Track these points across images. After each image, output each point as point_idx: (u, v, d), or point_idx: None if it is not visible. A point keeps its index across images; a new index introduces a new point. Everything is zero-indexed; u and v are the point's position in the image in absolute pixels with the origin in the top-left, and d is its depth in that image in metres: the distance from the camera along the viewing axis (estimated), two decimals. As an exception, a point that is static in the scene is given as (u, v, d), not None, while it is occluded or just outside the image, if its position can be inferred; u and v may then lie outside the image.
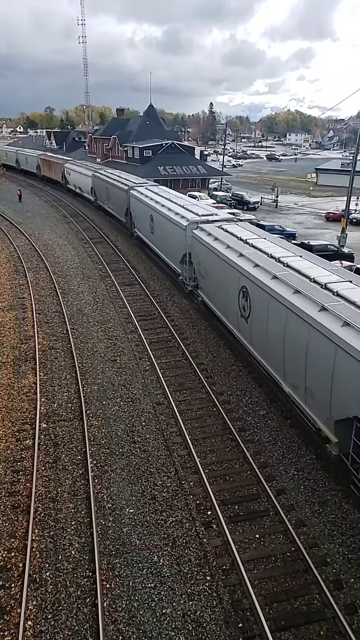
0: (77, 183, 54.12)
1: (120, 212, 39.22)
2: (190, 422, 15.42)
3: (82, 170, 52.25)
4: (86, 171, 50.62)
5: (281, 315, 14.29)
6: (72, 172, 55.68)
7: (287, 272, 15.40)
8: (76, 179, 54.03)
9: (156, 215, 28.84)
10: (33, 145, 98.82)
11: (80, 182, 52.32)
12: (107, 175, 43.95)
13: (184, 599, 9.88)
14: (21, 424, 15.29)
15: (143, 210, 32.18)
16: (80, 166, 54.88)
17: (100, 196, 46.11)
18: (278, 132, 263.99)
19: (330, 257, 26.50)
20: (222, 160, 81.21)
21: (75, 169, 54.68)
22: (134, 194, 34.44)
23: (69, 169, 57.00)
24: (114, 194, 39.99)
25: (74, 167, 55.86)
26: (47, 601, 9.78)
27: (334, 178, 78.65)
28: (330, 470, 13.22)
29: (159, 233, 28.69)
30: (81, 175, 51.80)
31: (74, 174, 54.90)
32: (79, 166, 55.17)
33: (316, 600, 9.91)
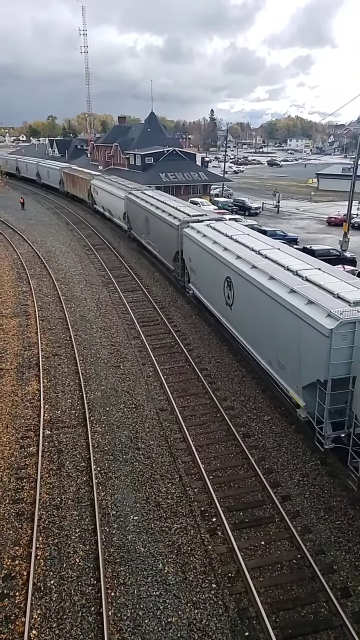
0: (106, 205, 44.72)
1: (166, 254, 28.21)
2: (194, 428, 15.35)
3: (113, 189, 42.15)
4: (118, 191, 40.46)
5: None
6: (99, 191, 46.13)
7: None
8: (105, 199, 44.45)
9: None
10: (36, 154, 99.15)
11: (111, 204, 42.57)
12: (147, 199, 33.12)
13: (190, 607, 9.78)
14: (25, 430, 15.25)
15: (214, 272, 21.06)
16: (111, 183, 44.59)
17: (136, 226, 35.76)
18: (279, 138, 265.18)
19: (332, 262, 26.43)
20: (223, 166, 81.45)
21: (104, 187, 44.70)
22: (191, 232, 23.43)
23: (96, 186, 47.26)
24: (158, 226, 29.34)
25: (102, 184, 45.97)
26: (51, 610, 9.71)
27: (335, 183, 78.85)
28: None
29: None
30: (111, 195, 41.83)
31: (102, 194, 45.26)
32: (108, 183, 44.94)
33: (323, 608, 9.80)
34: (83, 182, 52.14)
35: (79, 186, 54.15)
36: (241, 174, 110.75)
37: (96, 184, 47.25)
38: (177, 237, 25.33)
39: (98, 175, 51.43)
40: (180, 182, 62.43)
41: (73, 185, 57.27)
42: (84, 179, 51.88)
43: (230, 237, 20.45)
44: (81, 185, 53.08)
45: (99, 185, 46.26)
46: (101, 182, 46.96)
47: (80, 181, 53.52)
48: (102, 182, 46.66)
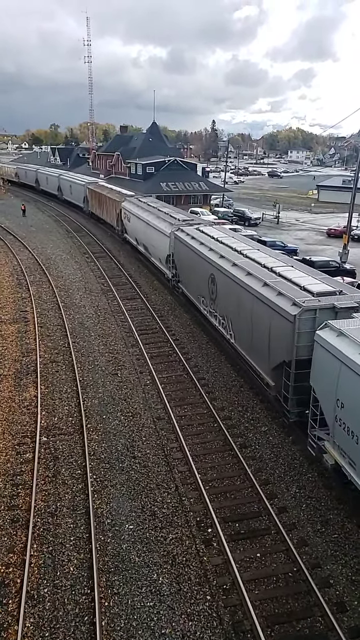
0: (141, 237, 33.33)
1: (262, 357, 16.92)
2: (191, 438, 15.30)
3: (152, 218, 30.53)
4: (159, 222, 28.94)
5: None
6: (132, 218, 35.43)
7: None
8: (140, 230, 33.39)
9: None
10: (38, 162, 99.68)
11: (148, 238, 31.10)
12: (211, 244, 22.13)
13: (184, 619, 9.70)
14: (21, 437, 15.18)
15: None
16: (149, 210, 32.87)
17: (189, 280, 24.75)
18: (279, 149, 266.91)
19: (332, 273, 26.52)
20: (224, 176, 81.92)
21: (140, 213, 33.54)
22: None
23: (128, 211, 36.73)
24: (237, 296, 18.26)
25: (136, 210, 34.90)
26: (44, 619, 9.61)
27: (335, 195, 79.26)
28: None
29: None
30: (149, 227, 30.41)
31: (136, 222, 34.30)
32: (145, 210, 33.54)
33: (319, 623, 9.71)
34: (111, 204, 42.55)
35: (107, 208, 44.47)
36: (241, 185, 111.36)
37: (128, 208, 37.01)
38: (292, 336, 14.30)
39: (131, 197, 39.96)
40: (180, 192, 62.72)
41: (99, 205, 47.53)
42: (113, 200, 41.97)
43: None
44: (109, 207, 43.56)
45: (133, 211, 35.61)
46: (135, 206, 36.07)
47: (107, 202, 44.02)
48: (137, 207, 35.65)
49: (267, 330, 15.58)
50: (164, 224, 28.49)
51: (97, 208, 48.42)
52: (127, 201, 38.69)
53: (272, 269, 17.29)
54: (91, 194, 50.66)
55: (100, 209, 46.93)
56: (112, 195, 43.41)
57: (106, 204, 44.38)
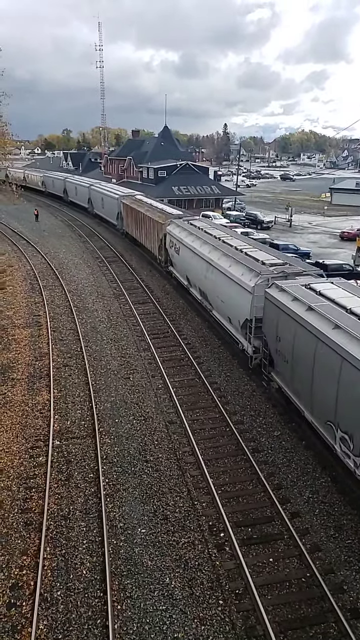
0: (197, 279, 24.22)
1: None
2: (203, 442, 15.31)
3: (216, 256, 21.74)
4: (232, 266, 19.96)
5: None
6: (182, 248, 26.19)
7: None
8: (195, 268, 24.13)
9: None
10: (50, 167, 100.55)
11: (210, 283, 22.12)
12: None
13: (196, 623, 9.69)
14: (34, 440, 15.32)
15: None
16: (207, 240, 23.69)
17: (300, 385, 14.85)
18: (292, 152, 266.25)
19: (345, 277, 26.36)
20: (236, 180, 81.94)
21: (195, 246, 24.33)
22: None
23: (175, 238, 27.38)
24: None
25: (188, 238, 25.72)
26: (57, 621, 9.68)
27: (348, 197, 78.86)
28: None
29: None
30: (213, 268, 21.57)
31: (188, 256, 25.10)
32: (203, 240, 23.99)
33: (332, 629, 9.64)
34: (152, 225, 33.60)
35: (146, 229, 35.40)
36: (254, 188, 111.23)
37: (177, 235, 27.29)
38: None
39: (179, 219, 29.96)
40: (192, 196, 62.94)
41: (136, 224, 38.23)
42: (154, 221, 32.83)
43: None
44: (148, 228, 34.60)
45: (183, 239, 25.98)
46: (187, 233, 26.11)
47: (147, 221, 34.98)
48: (190, 234, 25.57)
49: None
50: (240, 269, 19.19)
51: (134, 228, 39.08)
52: (173, 224, 29.49)
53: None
54: (126, 209, 41.54)
55: (138, 230, 37.76)
56: (152, 214, 34.23)
57: (145, 224, 35.50)
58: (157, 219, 32.66)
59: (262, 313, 17.18)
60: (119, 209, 43.69)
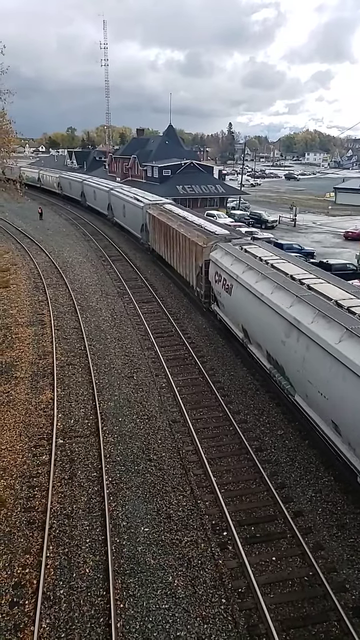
0: (263, 338, 16.89)
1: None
2: (206, 441, 15.30)
3: (305, 315, 13.91)
4: (315, 324, 13.24)
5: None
6: (236, 287, 19.02)
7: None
8: (261, 322, 16.77)
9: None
10: (55, 165, 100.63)
11: (292, 354, 14.48)
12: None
13: (199, 622, 9.70)
14: (38, 439, 15.35)
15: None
16: (289, 289, 15.47)
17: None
18: (297, 151, 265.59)
19: (349, 276, 26.32)
20: (240, 179, 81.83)
21: (261, 290, 16.59)
22: None
23: (225, 270, 20.38)
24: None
25: (247, 275, 18.29)
26: (60, 620, 9.70)
27: (353, 197, 78.62)
28: None
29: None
30: (303, 336, 13.70)
31: (245, 298, 18.07)
32: (281, 286, 15.85)
33: (335, 627, 9.63)
34: (188, 247, 25.75)
35: (179, 250, 27.57)
36: (258, 187, 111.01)
37: (225, 266, 20.41)
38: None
39: (227, 242, 22.66)
40: (197, 195, 62.90)
41: (165, 242, 30.91)
42: (193, 243, 24.95)
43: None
44: (183, 251, 26.73)
45: (237, 275, 19.01)
46: (243, 266, 18.93)
47: (181, 241, 27.06)
48: (249, 267, 18.48)
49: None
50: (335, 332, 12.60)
51: (162, 245, 31.92)
52: (220, 250, 21.94)
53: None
54: (153, 222, 34.20)
55: (168, 249, 30.33)
56: (188, 232, 26.39)
57: (178, 244, 27.59)
58: (196, 239, 24.72)
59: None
60: (144, 220, 36.70)
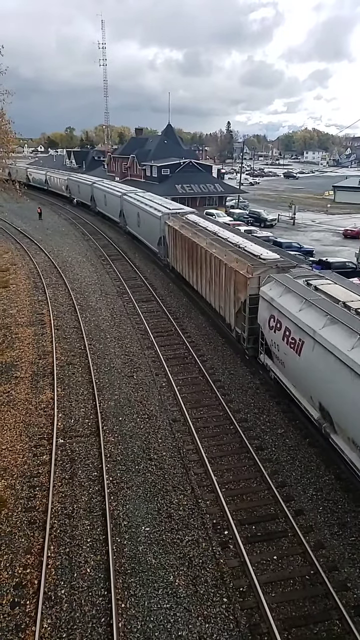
0: (345, 415, 12.04)
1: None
2: (206, 440, 15.29)
3: None
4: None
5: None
6: (309, 345, 13.48)
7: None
8: (345, 399, 11.77)
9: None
10: (54, 165, 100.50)
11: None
12: None
13: (200, 621, 9.69)
14: (38, 439, 15.33)
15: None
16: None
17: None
18: (295, 150, 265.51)
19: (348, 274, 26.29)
20: (239, 178, 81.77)
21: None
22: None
23: (286, 315, 14.88)
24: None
25: (337, 335, 12.40)
26: (62, 619, 9.69)
27: (352, 195, 78.56)
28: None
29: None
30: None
31: (324, 362, 12.68)
32: None
33: (336, 626, 9.63)
34: (223, 272, 20.55)
35: (211, 275, 22.18)
36: (257, 186, 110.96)
37: (286, 308, 15.15)
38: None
39: (282, 271, 17.67)
40: (196, 194, 62.86)
41: (190, 262, 25.23)
42: (231, 269, 19.57)
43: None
44: (217, 277, 21.42)
45: (312, 329, 13.45)
46: (318, 314, 13.64)
47: (214, 264, 21.68)
48: (333, 320, 13.04)
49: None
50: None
51: (186, 266, 25.72)
52: (275, 283, 16.57)
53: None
54: (173, 236, 28.16)
55: (193, 271, 24.14)
56: (224, 254, 20.21)
57: (209, 267, 21.59)
58: (237, 266, 18.04)
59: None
60: (162, 233, 31.44)
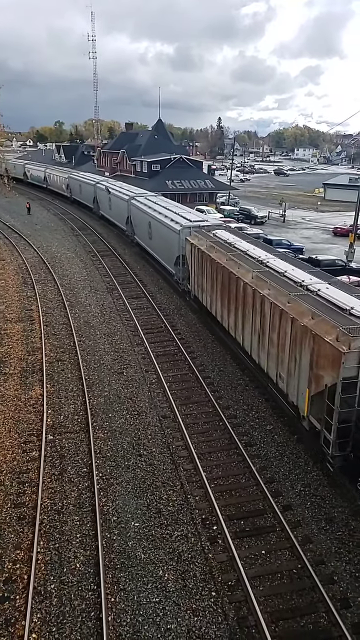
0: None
1: None
2: (196, 436, 15.40)
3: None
4: None
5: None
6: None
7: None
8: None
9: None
10: (42, 159, 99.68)
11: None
12: None
13: (189, 615, 9.81)
14: (27, 435, 15.33)
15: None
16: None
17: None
18: (286, 147, 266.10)
19: (338, 272, 26.51)
20: (229, 174, 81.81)
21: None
22: None
23: None
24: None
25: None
26: (51, 614, 9.75)
27: (342, 193, 78.99)
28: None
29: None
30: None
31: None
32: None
33: (323, 619, 9.80)
34: (287, 328, 14.40)
35: (267, 333, 15.88)
36: (247, 183, 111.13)
37: None
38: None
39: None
40: (186, 190, 62.76)
41: (224, 302, 19.82)
42: (304, 328, 13.34)
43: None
44: (279, 337, 15.08)
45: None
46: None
47: (268, 311, 15.60)
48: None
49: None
50: None
51: (218, 303, 20.62)
52: None
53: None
54: (198, 258, 22.64)
55: (232, 315, 19.08)
56: (288, 301, 14.87)
57: (261, 316, 16.49)
58: (314, 325, 13.22)
59: None
60: (181, 252, 25.20)
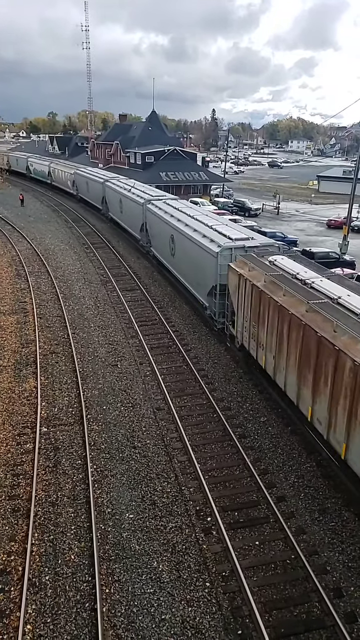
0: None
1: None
2: (190, 428, 15.43)
3: None
4: None
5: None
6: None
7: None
8: None
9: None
10: (36, 150, 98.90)
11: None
12: None
13: (183, 605, 9.86)
14: (22, 427, 15.30)
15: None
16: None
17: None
18: (280, 139, 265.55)
19: (331, 265, 26.59)
20: (224, 166, 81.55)
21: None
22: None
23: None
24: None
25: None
26: (46, 605, 9.77)
27: (335, 185, 79.01)
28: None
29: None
30: None
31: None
32: None
33: (316, 608, 9.89)
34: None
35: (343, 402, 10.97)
36: (242, 175, 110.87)
37: None
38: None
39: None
40: (180, 182, 62.52)
41: (299, 368, 13.17)
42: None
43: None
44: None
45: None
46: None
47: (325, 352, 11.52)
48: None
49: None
50: None
51: (285, 370, 14.30)
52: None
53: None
54: (252, 297, 16.39)
55: (312, 397, 12.69)
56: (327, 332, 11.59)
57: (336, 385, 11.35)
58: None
59: None
60: (218, 281, 20.16)
